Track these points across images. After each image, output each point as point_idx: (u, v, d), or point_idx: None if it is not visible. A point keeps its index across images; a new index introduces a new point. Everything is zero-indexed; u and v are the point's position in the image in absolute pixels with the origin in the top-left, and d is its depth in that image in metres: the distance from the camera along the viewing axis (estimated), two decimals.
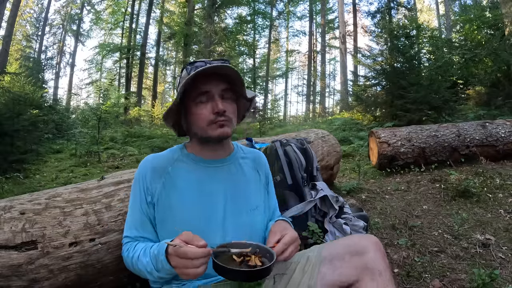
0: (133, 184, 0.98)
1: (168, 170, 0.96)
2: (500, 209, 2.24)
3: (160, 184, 0.94)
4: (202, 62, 0.92)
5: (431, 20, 19.96)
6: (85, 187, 1.27)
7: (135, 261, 0.88)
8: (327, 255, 0.92)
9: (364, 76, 8.55)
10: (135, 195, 0.96)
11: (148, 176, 0.95)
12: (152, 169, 0.95)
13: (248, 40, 17.15)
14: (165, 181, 0.94)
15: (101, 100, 7.39)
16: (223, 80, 0.92)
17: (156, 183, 0.94)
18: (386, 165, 3.42)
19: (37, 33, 19.64)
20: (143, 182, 0.95)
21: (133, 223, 0.95)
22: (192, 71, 0.89)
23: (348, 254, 0.89)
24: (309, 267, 0.93)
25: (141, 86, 16.15)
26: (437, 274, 1.51)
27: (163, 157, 0.99)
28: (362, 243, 0.90)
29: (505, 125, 3.46)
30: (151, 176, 0.95)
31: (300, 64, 31.43)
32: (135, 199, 0.96)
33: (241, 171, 1.03)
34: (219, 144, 0.98)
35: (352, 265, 0.87)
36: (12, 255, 1.02)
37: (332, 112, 18.14)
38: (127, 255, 0.93)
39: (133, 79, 18.14)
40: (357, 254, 0.88)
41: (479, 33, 7.84)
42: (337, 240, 0.99)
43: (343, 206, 1.76)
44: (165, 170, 0.96)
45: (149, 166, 0.96)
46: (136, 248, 0.91)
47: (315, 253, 0.95)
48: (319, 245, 1.01)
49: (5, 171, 3.81)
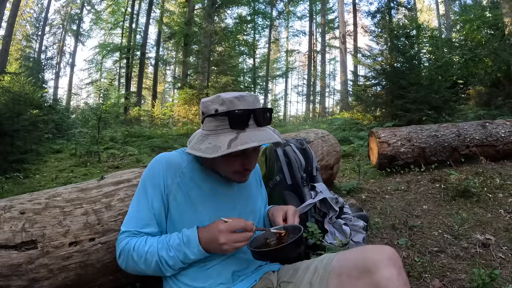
0: (144, 181, 0.96)
1: (182, 171, 0.97)
2: (500, 209, 2.24)
3: (175, 184, 0.94)
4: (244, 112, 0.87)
5: (431, 20, 19.98)
6: (85, 187, 1.27)
7: (146, 253, 0.87)
8: (337, 267, 0.84)
9: (364, 76, 8.56)
10: (146, 192, 0.94)
11: (165, 173, 0.94)
12: (168, 168, 0.95)
13: (248, 40, 17.17)
14: (180, 181, 0.95)
15: (101, 100, 7.39)
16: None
17: (172, 182, 0.94)
18: (386, 165, 3.42)
19: (37, 33, 19.65)
20: (159, 179, 0.94)
21: (138, 220, 0.93)
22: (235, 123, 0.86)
23: (357, 270, 0.78)
24: (316, 279, 0.87)
25: (141, 86, 16.15)
26: (437, 274, 1.51)
27: (176, 157, 0.99)
28: (372, 258, 0.77)
29: (505, 125, 3.46)
30: (167, 174, 0.94)
31: (300, 64, 31.46)
32: (145, 196, 0.94)
33: (249, 180, 1.08)
34: None
35: (361, 285, 0.76)
36: (12, 254, 1.02)
37: (332, 112, 18.15)
38: (130, 246, 0.89)
39: (133, 79, 18.15)
40: (366, 271, 0.76)
41: (479, 33, 7.85)
42: (349, 250, 0.90)
43: (343, 207, 1.76)
44: (179, 170, 0.96)
45: (165, 164, 0.96)
46: (148, 240, 0.90)
47: (324, 263, 0.89)
48: (329, 254, 0.95)
49: (5, 171, 3.81)
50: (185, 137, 7.20)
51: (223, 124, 0.87)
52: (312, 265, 0.92)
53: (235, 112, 0.86)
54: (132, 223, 0.93)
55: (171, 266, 0.87)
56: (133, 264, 0.89)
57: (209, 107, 0.90)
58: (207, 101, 0.92)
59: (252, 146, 0.83)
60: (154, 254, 0.87)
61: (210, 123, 0.90)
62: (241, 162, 0.92)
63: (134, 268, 0.90)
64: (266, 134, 0.88)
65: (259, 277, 0.97)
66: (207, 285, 0.92)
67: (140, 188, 0.96)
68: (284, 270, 1.01)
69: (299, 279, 0.91)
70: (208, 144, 0.88)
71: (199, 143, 0.91)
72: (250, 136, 0.85)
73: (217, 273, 0.93)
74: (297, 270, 0.95)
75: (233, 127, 0.86)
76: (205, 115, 0.91)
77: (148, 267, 0.88)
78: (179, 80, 14.63)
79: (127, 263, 0.91)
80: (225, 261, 0.95)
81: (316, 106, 23.97)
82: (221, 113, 0.87)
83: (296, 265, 0.99)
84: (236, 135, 0.85)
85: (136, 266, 0.89)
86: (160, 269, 0.88)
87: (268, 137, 0.87)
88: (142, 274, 0.91)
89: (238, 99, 0.87)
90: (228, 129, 0.87)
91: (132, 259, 0.89)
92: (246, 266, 0.99)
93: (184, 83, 11.51)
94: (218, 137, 0.87)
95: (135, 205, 0.96)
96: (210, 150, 0.86)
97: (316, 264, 0.91)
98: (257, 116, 0.88)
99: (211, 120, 0.89)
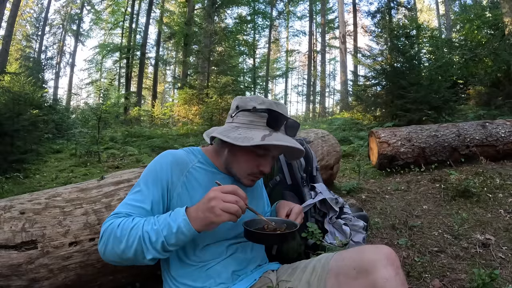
0: (147, 173, 0.93)
1: (189, 170, 0.96)
2: (500, 209, 2.24)
3: (180, 182, 0.94)
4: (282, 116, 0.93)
5: (431, 20, 19.99)
6: (85, 187, 1.27)
7: (131, 229, 0.79)
8: (334, 267, 0.84)
9: (364, 76, 8.56)
10: (147, 184, 0.90)
11: (170, 169, 0.93)
12: (175, 164, 0.94)
13: (248, 40, 17.15)
14: (185, 181, 0.95)
15: (101, 100, 7.38)
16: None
17: (178, 179, 0.94)
18: (386, 165, 3.42)
19: (37, 33, 19.65)
20: (163, 173, 0.92)
21: (131, 206, 0.87)
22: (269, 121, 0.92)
23: (354, 270, 0.78)
24: (314, 279, 0.86)
25: (141, 86, 16.15)
26: (437, 274, 1.51)
27: (183, 155, 0.99)
28: (370, 258, 0.77)
29: (505, 125, 3.46)
30: (173, 170, 0.93)
31: (300, 64, 31.48)
32: (146, 187, 0.90)
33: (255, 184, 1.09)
34: None
35: (358, 285, 0.76)
36: (12, 254, 1.02)
37: (332, 112, 18.15)
38: (115, 224, 0.80)
39: (133, 79, 18.14)
40: (364, 271, 0.76)
41: (479, 33, 7.85)
42: (347, 250, 0.90)
43: (343, 207, 1.76)
44: (186, 169, 0.96)
45: (172, 161, 0.95)
46: (136, 218, 0.82)
47: (322, 262, 0.89)
48: (327, 253, 0.95)
49: (5, 171, 3.81)
50: (185, 137, 7.20)
51: (259, 120, 0.92)
52: (310, 264, 0.92)
53: (276, 112, 0.92)
54: (123, 208, 0.87)
55: (153, 243, 0.77)
56: (114, 243, 0.79)
57: (248, 103, 0.94)
58: (245, 98, 0.97)
59: (285, 145, 0.87)
60: (138, 229, 0.78)
61: (245, 117, 0.93)
62: (259, 162, 0.95)
63: (113, 250, 0.79)
64: (294, 141, 0.91)
65: (259, 276, 0.98)
66: (207, 285, 0.91)
67: (141, 179, 0.93)
68: (283, 269, 1.01)
69: (297, 278, 0.91)
70: (238, 135, 0.89)
71: (226, 131, 0.92)
72: (282, 137, 0.90)
73: (217, 273, 0.93)
74: (295, 269, 0.96)
75: (269, 125, 0.92)
76: (239, 109, 0.94)
77: (129, 246, 0.78)
78: (179, 80, 14.64)
79: (107, 244, 0.80)
80: (225, 261, 0.95)
81: (316, 106, 23.97)
82: (262, 109, 0.92)
83: (295, 264, 0.99)
84: (269, 132, 0.90)
85: (116, 247, 0.79)
86: (141, 248, 0.77)
87: (297, 144, 0.90)
88: (120, 259, 0.80)
89: (276, 104, 0.95)
90: (263, 125, 0.92)
91: (114, 237, 0.79)
92: (245, 265, 0.99)
93: (184, 83, 11.51)
94: (250, 130, 0.91)
95: (132, 193, 0.91)
96: (241, 140, 0.87)
97: (314, 263, 0.91)
98: (288, 124, 0.95)
99: (247, 114, 0.93)
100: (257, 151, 0.92)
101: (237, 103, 0.97)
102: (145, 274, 1.30)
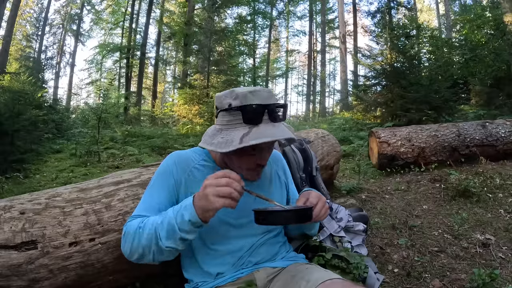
0: (155, 175, 0.99)
1: (193, 168, 0.99)
2: (500, 209, 2.24)
3: (184, 180, 0.96)
4: (259, 107, 0.85)
5: (431, 20, 19.97)
6: (85, 187, 1.27)
7: (145, 227, 0.84)
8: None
9: (364, 76, 8.55)
10: (156, 185, 0.97)
11: (174, 168, 0.97)
12: (178, 163, 0.98)
13: (248, 40, 17.12)
14: (189, 179, 0.96)
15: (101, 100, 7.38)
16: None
17: (182, 177, 0.96)
18: (386, 165, 3.42)
19: (37, 33, 19.63)
20: (168, 173, 0.97)
21: (147, 208, 0.93)
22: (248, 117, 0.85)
23: None
24: None
25: (141, 86, 16.14)
26: (437, 274, 1.51)
27: (187, 154, 1.02)
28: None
29: (505, 125, 3.45)
30: (177, 169, 0.97)
31: (300, 64, 31.45)
32: (157, 189, 0.96)
33: (264, 175, 1.04)
34: None
35: None
36: (12, 254, 1.02)
37: (332, 112, 18.15)
38: (134, 227, 0.87)
39: (133, 79, 18.13)
40: None
41: (479, 33, 7.84)
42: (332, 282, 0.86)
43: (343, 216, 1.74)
44: (189, 167, 0.98)
45: (176, 160, 0.99)
46: (151, 217, 0.88)
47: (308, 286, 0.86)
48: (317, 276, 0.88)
49: (5, 171, 3.81)
50: (185, 137, 7.19)
51: (237, 118, 0.86)
52: (297, 277, 0.90)
53: (249, 106, 0.85)
54: (141, 209, 0.94)
55: (167, 231, 0.81)
56: (137, 239, 0.85)
57: (223, 101, 0.89)
58: (221, 95, 0.91)
59: (264, 141, 0.81)
60: (154, 222, 0.85)
61: (223, 118, 0.89)
62: (253, 158, 0.91)
63: (136, 246, 0.85)
64: (279, 130, 0.86)
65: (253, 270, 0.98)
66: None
67: (152, 181, 0.99)
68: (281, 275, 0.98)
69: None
70: (221, 139, 0.86)
71: (211, 137, 0.90)
72: (263, 131, 0.84)
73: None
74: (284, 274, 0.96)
75: (247, 122, 0.85)
76: (218, 109, 0.91)
77: (148, 239, 0.83)
78: (179, 80, 14.61)
79: (133, 241, 0.86)
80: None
81: (316, 106, 23.96)
82: (235, 108, 0.86)
83: (288, 269, 0.99)
84: (249, 130, 0.84)
85: (139, 242, 0.85)
86: (156, 238, 0.82)
87: (281, 133, 0.85)
88: (141, 256, 0.86)
89: (252, 93, 0.86)
90: (241, 124, 0.86)
91: (138, 234, 0.85)
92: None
93: (184, 83, 11.50)
94: (231, 131, 0.86)
95: (147, 195, 0.97)
96: (223, 145, 0.84)
97: (300, 283, 0.88)
98: (271, 111, 0.87)
99: (225, 114, 0.89)
100: (250, 152, 0.89)
101: (216, 102, 0.93)
102: (145, 274, 1.30)
